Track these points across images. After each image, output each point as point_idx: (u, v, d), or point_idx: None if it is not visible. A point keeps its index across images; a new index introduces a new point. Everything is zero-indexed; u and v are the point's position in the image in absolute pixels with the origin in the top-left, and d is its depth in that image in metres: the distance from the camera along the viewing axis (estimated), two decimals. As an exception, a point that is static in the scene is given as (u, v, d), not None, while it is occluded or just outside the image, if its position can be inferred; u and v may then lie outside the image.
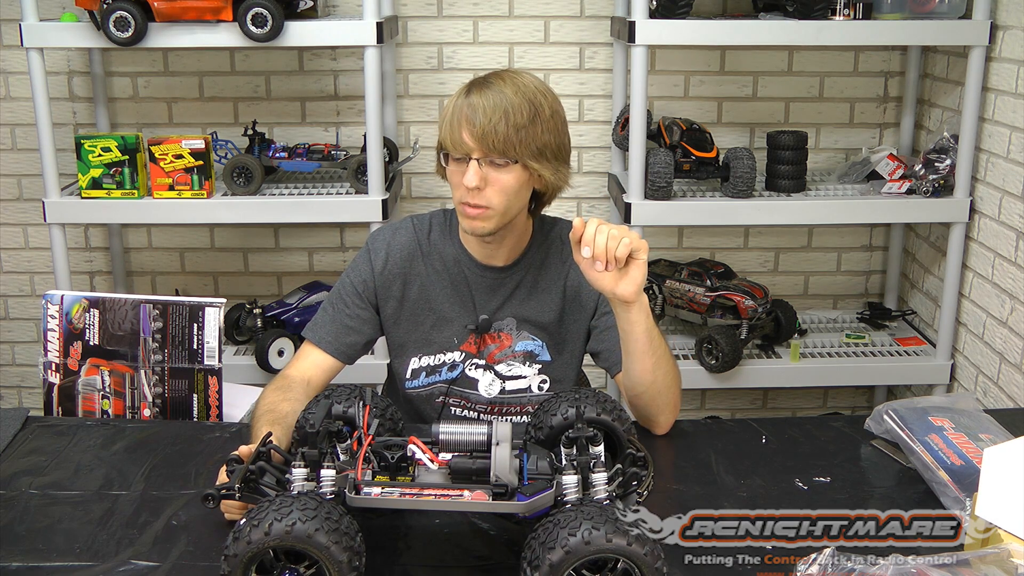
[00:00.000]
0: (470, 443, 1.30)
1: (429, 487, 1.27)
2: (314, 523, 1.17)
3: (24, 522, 1.47)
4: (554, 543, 1.16)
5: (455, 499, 1.26)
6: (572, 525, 1.17)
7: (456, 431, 1.31)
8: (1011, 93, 2.50)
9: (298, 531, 1.16)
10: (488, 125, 1.67)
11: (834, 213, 2.73)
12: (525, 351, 1.89)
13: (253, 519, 1.19)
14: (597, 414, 1.46)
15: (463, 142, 1.70)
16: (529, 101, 1.70)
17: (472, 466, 1.28)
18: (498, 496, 1.26)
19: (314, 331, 1.88)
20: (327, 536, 1.17)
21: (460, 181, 1.72)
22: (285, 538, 1.17)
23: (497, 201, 1.72)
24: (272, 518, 1.17)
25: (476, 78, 1.76)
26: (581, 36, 3.07)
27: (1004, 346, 2.53)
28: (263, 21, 2.49)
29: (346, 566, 1.18)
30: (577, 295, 1.89)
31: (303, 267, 3.24)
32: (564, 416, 1.44)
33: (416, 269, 1.87)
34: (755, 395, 3.36)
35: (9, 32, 3.00)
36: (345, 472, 1.30)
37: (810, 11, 2.55)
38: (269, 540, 1.17)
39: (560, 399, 1.48)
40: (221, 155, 2.78)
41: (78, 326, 1.90)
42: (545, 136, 1.71)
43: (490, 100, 1.68)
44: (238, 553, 1.18)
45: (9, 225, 3.20)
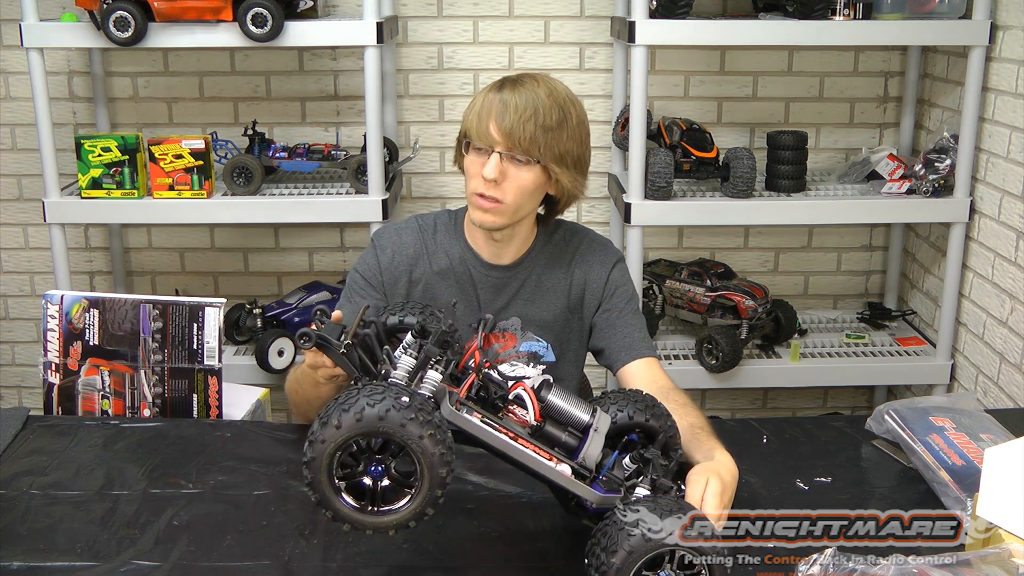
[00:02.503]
0: (572, 417, 1.30)
1: (520, 438, 1.26)
2: (429, 427, 1.13)
3: (25, 522, 1.47)
4: (616, 546, 1.16)
5: (544, 460, 1.26)
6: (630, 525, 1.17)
7: (567, 400, 1.31)
8: (1011, 93, 2.50)
9: (412, 429, 1.11)
10: (517, 122, 1.68)
11: (834, 213, 2.73)
12: (529, 352, 1.89)
13: (367, 397, 1.13)
14: (658, 426, 1.42)
15: (489, 134, 1.71)
16: (560, 106, 1.71)
17: (562, 439, 1.28)
18: (580, 477, 1.26)
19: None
20: (435, 444, 1.13)
21: (478, 172, 1.73)
22: (378, 424, 1.11)
23: (511, 198, 1.73)
24: (390, 405, 1.12)
25: (508, 76, 1.77)
26: (581, 36, 3.07)
27: (1004, 346, 2.53)
28: (263, 21, 2.49)
29: (439, 461, 1.15)
30: (581, 296, 1.89)
31: (303, 267, 3.24)
32: (630, 416, 1.40)
33: (421, 268, 1.87)
34: (755, 395, 3.36)
35: (9, 32, 3.00)
36: (444, 384, 1.27)
37: (810, 11, 2.55)
38: (382, 426, 1.12)
39: (628, 398, 1.44)
40: (221, 155, 2.78)
41: (78, 326, 1.89)
42: (569, 143, 1.73)
43: (523, 98, 1.69)
44: (343, 425, 1.12)
45: (9, 225, 3.19)
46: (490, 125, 1.70)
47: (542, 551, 1.41)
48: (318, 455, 1.14)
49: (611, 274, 1.89)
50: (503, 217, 1.75)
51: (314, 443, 1.14)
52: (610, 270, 1.89)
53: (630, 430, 1.40)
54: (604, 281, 1.88)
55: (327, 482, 1.16)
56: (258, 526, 1.46)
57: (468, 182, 1.77)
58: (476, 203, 1.75)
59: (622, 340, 1.84)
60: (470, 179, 1.76)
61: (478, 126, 1.72)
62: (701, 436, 1.54)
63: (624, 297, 1.88)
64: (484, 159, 1.72)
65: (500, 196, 1.72)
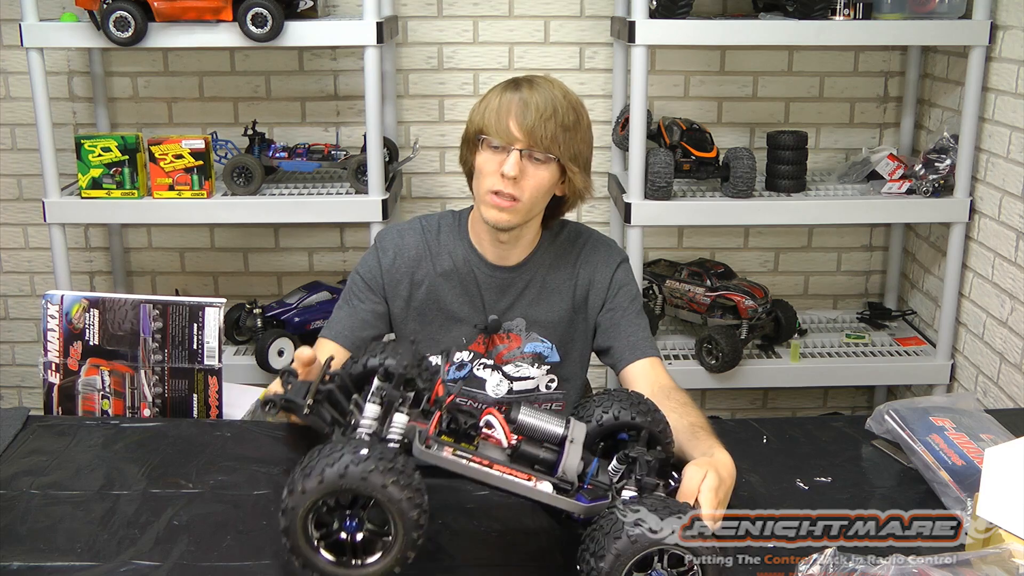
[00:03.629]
0: (546, 433, 1.29)
1: (497, 463, 1.26)
2: (390, 475, 1.13)
3: (25, 522, 1.47)
4: (603, 551, 1.16)
5: (522, 481, 1.25)
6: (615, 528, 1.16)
7: (537, 417, 1.30)
8: (1011, 93, 2.50)
9: (373, 480, 1.13)
10: (538, 120, 1.70)
11: (834, 213, 2.73)
12: (534, 352, 1.89)
13: (326, 457, 1.15)
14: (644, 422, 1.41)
15: (509, 131, 1.71)
16: (574, 108, 1.75)
17: (539, 455, 1.28)
18: (561, 492, 1.25)
19: (330, 328, 1.88)
20: (401, 490, 1.14)
21: (494, 169, 1.73)
22: (359, 484, 1.13)
23: (528, 196, 1.73)
24: (348, 461, 1.13)
25: (519, 76, 1.78)
26: (581, 36, 3.07)
27: (1004, 346, 2.53)
28: (263, 21, 2.49)
29: (414, 523, 1.15)
30: (586, 296, 1.89)
31: (303, 267, 3.24)
32: (616, 416, 1.41)
33: (424, 270, 1.87)
34: (755, 395, 3.36)
35: (9, 32, 3.00)
36: (413, 423, 1.27)
37: (810, 11, 2.55)
38: (343, 483, 1.13)
39: (612, 399, 1.44)
40: (221, 155, 2.78)
41: (78, 326, 1.89)
42: (581, 144, 1.77)
43: (542, 97, 1.71)
44: (307, 490, 1.14)
45: (9, 225, 3.19)
46: (510, 123, 1.71)
47: (542, 551, 1.40)
48: (291, 522, 1.17)
49: (615, 274, 1.89)
50: (517, 216, 1.75)
51: (286, 511, 1.17)
52: (614, 270, 1.89)
53: (619, 430, 1.40)
54: (608, 281, 1.88)
55: (306, 545, 1.18)
56: (258, 526, 1.46)
57: (481, 180, 1.76)
58: (491, 201, 1.75)
59: (626, 340, 1.84)
60: (485, 177, 1.75)
61: (498, 124, 1.72)
62: (701, 435, 1.54)
63: (628, 297, 1.89)
64: (502, 157, 1.72)
65: (517, 194, 1.72)
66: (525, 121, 1.70)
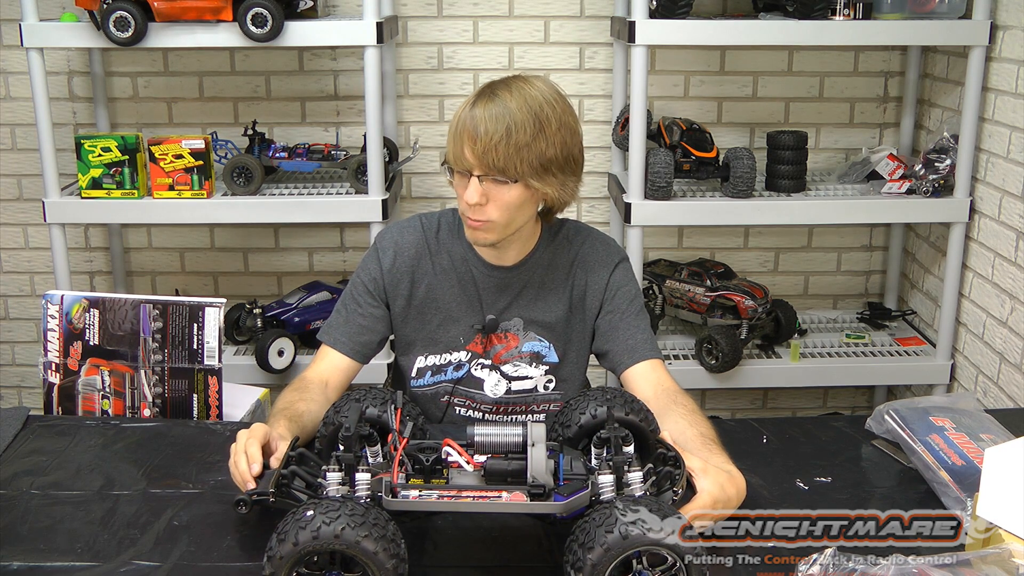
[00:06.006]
0: (505, 444, 1.29)
1: (466, 489, 1.27)
2: (363, 529, 1.16)
3: (25, 522, 1.47)
4: (592, 542, 1.17)
5: (493, 501, 1.26)
6: (608, 522, 1.17)
7: (491, 432, 1.30)
8: (1011, 93, 2.50)
9: (347, 536, 1.15)
10: (489, 143, 1.64)
11: (834, 213, 2.73)
12: (532, 352, 1.89)
13: (299, 521, 1.17)
14: (625, 414, 1.43)
15: (464, 158, 1.68)
16: (534, 115, 1.65)
17: (508, 467, 1.28)
18: (535, 497, 1.25)
19: (329, 333, 1.87)
20: (375, 543, 1.16)
21: (463, 194, 1.72)
22: (333, 542, 1.16)
23: (498, 216, 1.71)
24: (320, 522, 1.16)
25: (485, 86, 1.72)
26: (581, 36, 3.07)
27: (1004, 346, 2.53)
28: (263, 21, 2.49)
29: (391, 573, 1.18)
30: (583, 297, 1.89)
31: (303, 267, 3.24)
32: (593, 415, 1.43)
33: (424, 268, 1.87)
34: (755, 395, 3.36)
35: (9, 32, 3.00)
36: (378, 476, 1.29)
37: (810, 11, 2.55)
38: (317, 544, 1.16)
39: (587, 398, 1.46)
40: (221, 155, 2.78)
41: (78, 326, 1.89)
42: (550, 150, 1.67)
43: (492, 115, 1.64)
44: (284, 555, 1.17)
45: (9, 225, 3.19)
46: (464, 149, 1.68)
47: (541, 551, 1.40)
48: (276, 570, 1.18)
49: (612, 276, 1.87)
50: (494, 234, 1.74)
51: (272, 558, 1.18)
52: (611, 272, 1.88)
53: (600, 426, 1.40)
54: (605, 283, 1.87)
55: None
56: (258, 526, 1.46)
57: (458, 202, 1.76)
58: (466, 222, 1.75)
59: (625, 343, 1.83)
60: (458, 200, 1.75)
61: (455, 150, 1.70)
62: (714, 448, 1.54)
63: (626, 298, 1.87)
64: (466, 182, 1.70)
65: (486, 217, 1.71)
66: (476, 146, 1.65)
